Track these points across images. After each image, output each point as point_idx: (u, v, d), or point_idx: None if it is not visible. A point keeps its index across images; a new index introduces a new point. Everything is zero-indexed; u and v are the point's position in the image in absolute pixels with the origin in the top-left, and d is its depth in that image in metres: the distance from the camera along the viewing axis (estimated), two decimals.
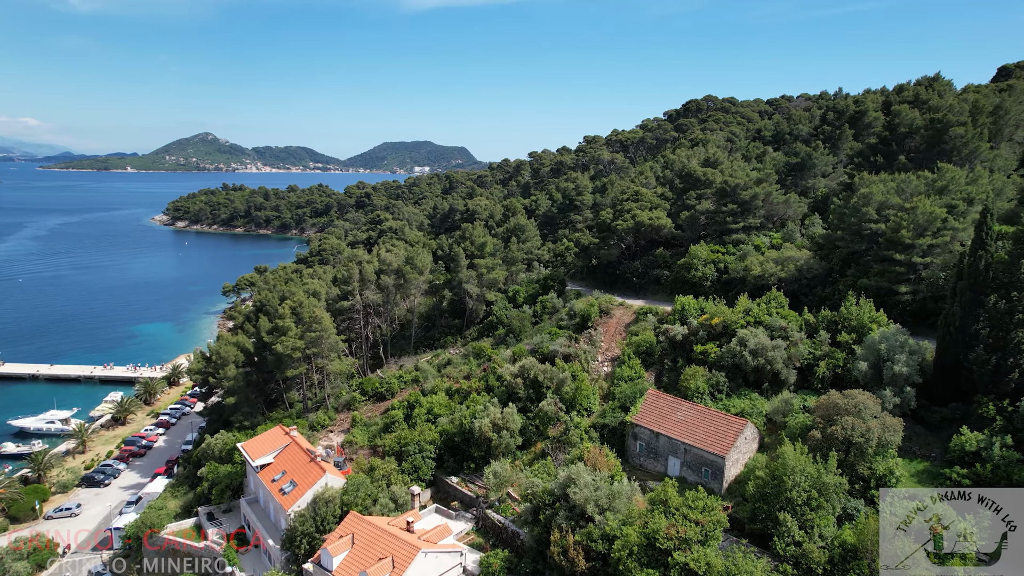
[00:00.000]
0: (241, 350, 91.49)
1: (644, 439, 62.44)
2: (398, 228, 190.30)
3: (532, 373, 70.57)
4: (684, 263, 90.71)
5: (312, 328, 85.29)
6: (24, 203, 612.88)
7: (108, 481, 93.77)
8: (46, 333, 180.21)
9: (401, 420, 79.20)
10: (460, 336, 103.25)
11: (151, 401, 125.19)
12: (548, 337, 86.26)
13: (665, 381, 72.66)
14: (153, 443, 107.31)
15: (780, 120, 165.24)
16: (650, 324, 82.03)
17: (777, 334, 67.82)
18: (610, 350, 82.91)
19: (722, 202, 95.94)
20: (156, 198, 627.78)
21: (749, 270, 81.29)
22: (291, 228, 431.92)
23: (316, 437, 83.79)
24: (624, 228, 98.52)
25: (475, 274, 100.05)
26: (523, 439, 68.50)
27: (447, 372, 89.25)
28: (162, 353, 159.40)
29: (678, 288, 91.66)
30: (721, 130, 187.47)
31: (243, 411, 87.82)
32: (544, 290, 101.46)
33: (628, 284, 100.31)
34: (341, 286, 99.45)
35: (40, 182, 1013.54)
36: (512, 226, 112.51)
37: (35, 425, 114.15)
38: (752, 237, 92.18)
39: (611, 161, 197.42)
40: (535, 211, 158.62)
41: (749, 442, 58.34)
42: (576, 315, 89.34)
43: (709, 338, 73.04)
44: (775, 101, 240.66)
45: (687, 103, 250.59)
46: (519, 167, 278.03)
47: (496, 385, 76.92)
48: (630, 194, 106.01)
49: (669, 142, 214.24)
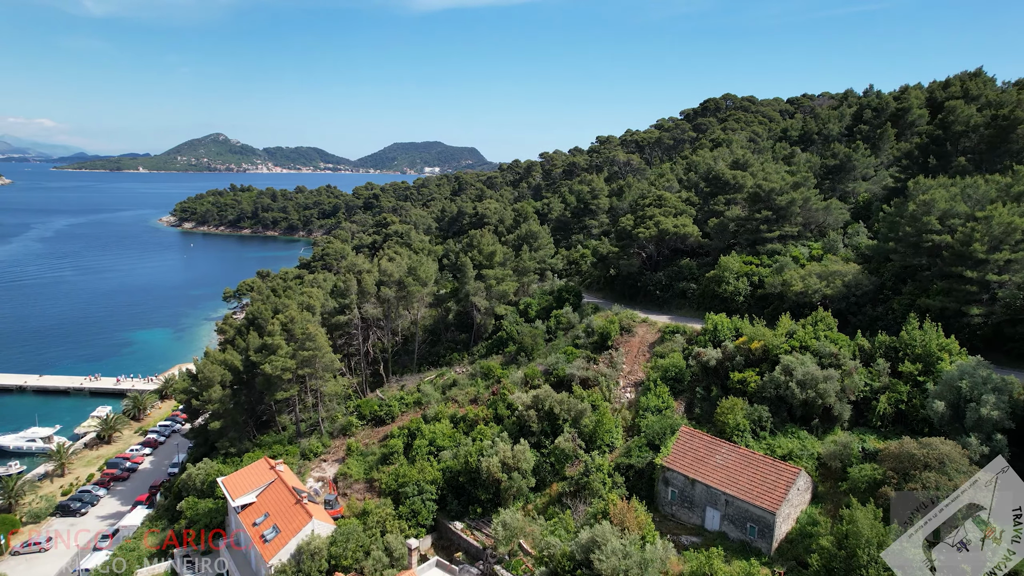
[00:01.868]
0: (229, 368, 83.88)
1: (677, 485, 54.12)
2: (404, 232, 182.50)
3: (547, 404, 62.40)
4: (714, 276, 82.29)
5: (305, 346, 77.54)
6: (33, 204, 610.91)
7: (85, 510, 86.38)
8: (41, 340, 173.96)
9: (400, 451, 71.38)
10: (467, 352, 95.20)
11: (140, 417, 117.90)
12: (564, 357, 78.10)
13: (697, 412, 64.29)
14: (138, 465, 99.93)
15: (807, 119, 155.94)
16: (678, 345, 73.62)
17: (827, 362, 59.30)
18: (633, 373, 74.55)
19: (754, 208, 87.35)
20: (165, 199, 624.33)
21: (789, 285, 72.69)
22: (298, 230, 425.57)
23: (308, 467, 76.04)
24: (646, 236, 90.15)
25: (483, 286, 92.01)
26: (537, 479, 60.38)
27: (452, 395, 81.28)
28: (157, 363, 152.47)
29: (707, 303, 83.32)
30: (743, 130, 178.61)
31: (229, 436, 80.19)
32: (558, 303, 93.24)
33: (651, 297, 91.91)
34: (338, 298, 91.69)
35: (52, 182, 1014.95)
36: (524, 233, 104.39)
37: (15, 443, 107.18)
38: (789, 247, 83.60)
39: (627, 162, 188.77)
40: (547, 215, 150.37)
41: (802, 493, 49.90)
42: (594, 332, 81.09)
43: (747, 364, 64.66)
44: (796, 100, 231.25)
45: (705, 102, 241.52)
46: (530, 168, 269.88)
47: (506, 414, 68.82)
48: (652, 199, 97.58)
49: (688, 142, 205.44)
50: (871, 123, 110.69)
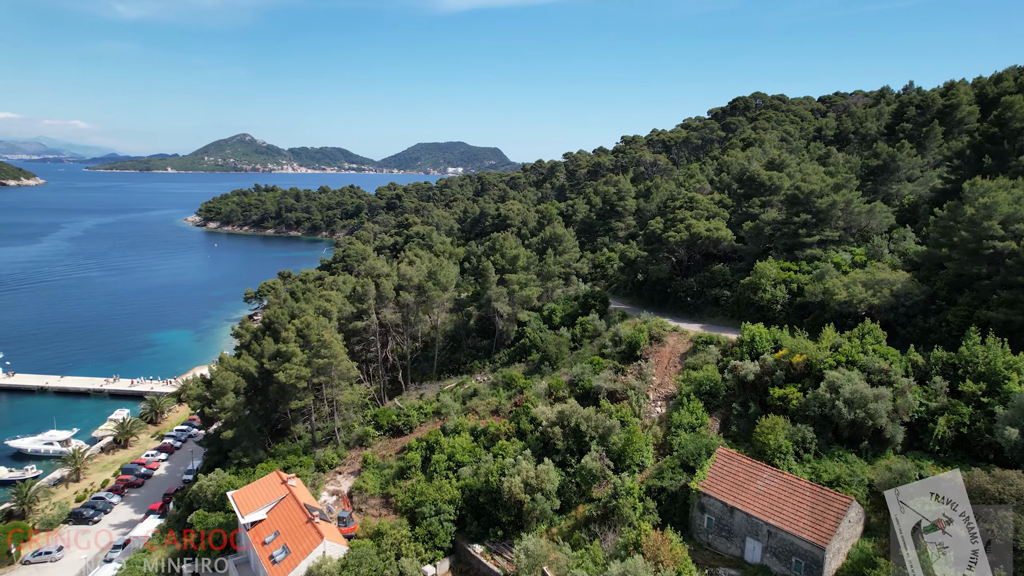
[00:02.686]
0: (243, 375, 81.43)
1: (714, 513, 50.01)
2: (425, 234, 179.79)
3: (573, 421, 58.56)
4: (749, 283, 77.76)
5: (320, 354, 74.67)
6: (64, 204, 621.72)
7: (98, 518, 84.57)
8: (65, 339, 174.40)
9: (418, 465, 68.16)
10: (488, 360, 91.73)
11: (157, 421, 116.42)
12: (590, 368, 74.22)
13: (734, 431, 60.02)
14: (153, 471, 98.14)
15: (843, 118, 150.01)
16: (711, 356, 69.33)
17: (877, 379, 54.75)
18: (663, 386, 70.43)
19: (792, 211, 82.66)
20: (191, 199, 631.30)
21: (831, 294, 67.97)
22: (321, 230, 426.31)
23: (322, 480, 73.17)
24: (677, 240, 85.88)
25: (506, 291, 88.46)
26: (561, 501, 56.60)
27: (472, 405, 77.85)
28: (176, 364, 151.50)
29: (741, 312, 78.90)
30: (773, 129, 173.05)
31: (243, 446, 77.65)
32: (584, 310, 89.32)
33: (681, 304, 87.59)
34: (356, 303, 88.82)
35: (83, 183, 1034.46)
36: (548, 236, 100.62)
37: (33, 446, 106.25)
38: (830, 253, 78.72)
39: (654, 162, 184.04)
40: (572, 217, 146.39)
41: (853, 525, 45.51)
42: (622, 341, 77.11)
43: (788, 379, 60.26)
44: (828, 98, 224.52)
45: (734, 100, 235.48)
46: (553, 168, 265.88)
47: (529, 429, 65.20)
48: (683, 200, 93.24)
49: (716, 142, 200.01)
50: (915, 121, 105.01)
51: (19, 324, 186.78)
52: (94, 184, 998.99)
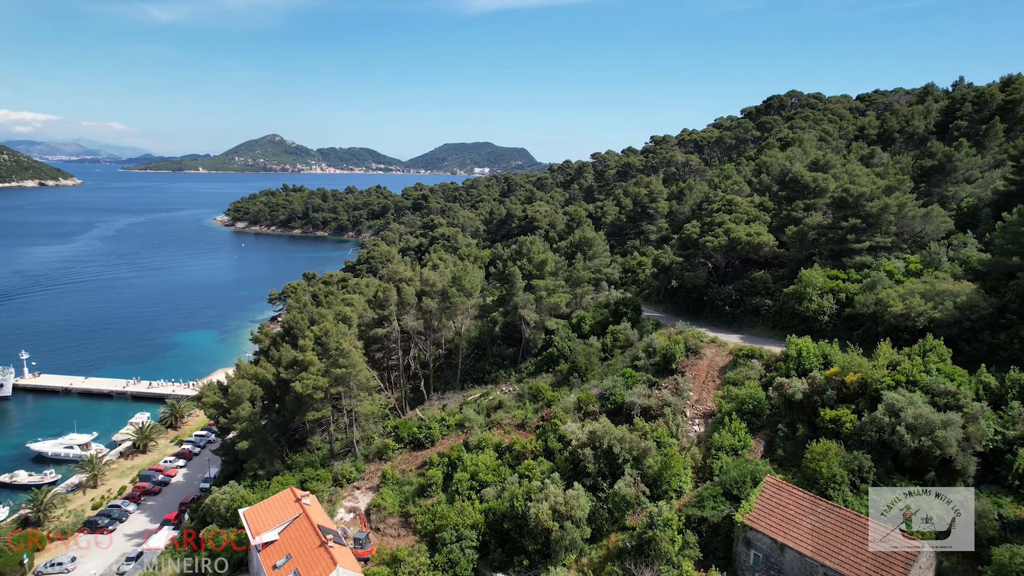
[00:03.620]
0: (260, 383, 78.68)
1: (762, 549, 45.37)
2: (451, 235, 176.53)
3: (606, 442, 54.32)
4: (793, 291, 72.67)
5: (338, 363, 71.41)
6: (99, 203, 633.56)
7: (113, 527, 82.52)
8: (91, 340, 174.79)
9: (439, 483, 64.58)
10: (514, 369, 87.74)
11: (177, 425, 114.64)
12: (622, 381, 69.91)
13: (780, 454, 55.20)
14: (171, 478, 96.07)
15: (887, 116, 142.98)
16: (754, 372, 64.51)
17: (943, 402, 49.62)
18: (701, 403, 65.81)
19: (839, 215, 77.35)
20: (220, 198, 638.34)
21: (885, 305, 62.73)
22: (347, 230, 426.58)
23: (340, 495, 69.92)
24: (714, 245, 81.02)
25: (533, 297, 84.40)
26: (592, 528, 52.45)
27: (497, 418, 73.96)
28: (199, 367, 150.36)
29: (784, 323, 73.93)
30: (811, 128, 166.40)
31: (258, 457, 74.83)
32: (615, 318, 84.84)
33: (718, 313, 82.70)
34: (377, 309, 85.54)
35: (118, 183, 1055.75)
36: (577, 240, 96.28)
37: (53, 450, 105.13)
38: (881, 260, 73.26)
39: (685, 163, 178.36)
40: (601, 219, 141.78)
41: (924, 571, 40.57)
42: (656, 353, 72.63)
43: (839, 399, 55.35)
44: (867, 96, 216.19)
45: (769, 99, 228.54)
46: (581, 169, 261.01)
47: (557, 447, 61.10)
48: (720, 203, 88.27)
49: (751, 142, 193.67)
50: (971, 118, 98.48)
51: (48, 324, 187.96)
52: (128, 184, 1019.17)
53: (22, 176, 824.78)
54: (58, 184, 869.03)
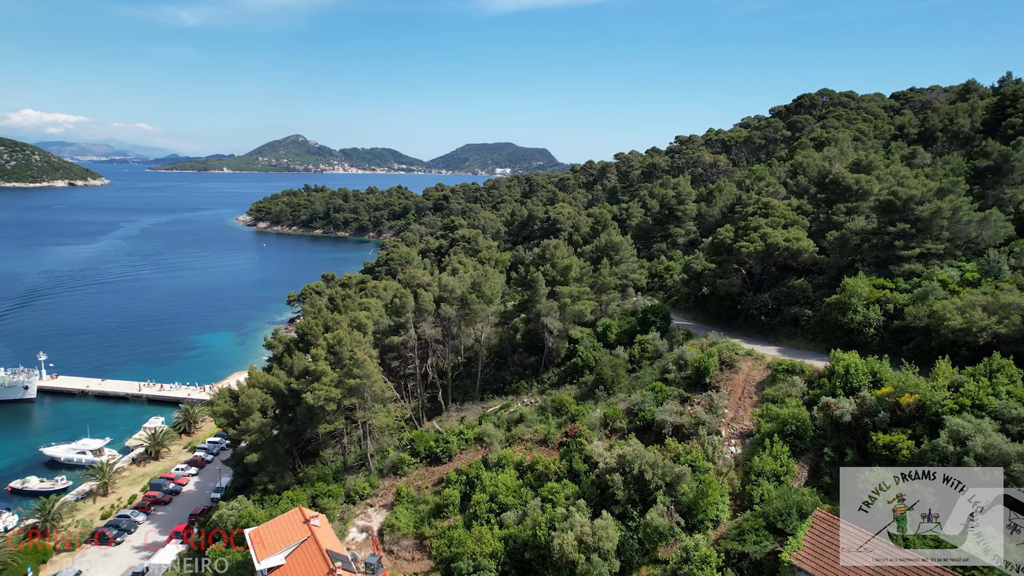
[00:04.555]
0: (272, 392, 75.54)
1: None
2: (471, 237, 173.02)
3: (636, 467, 50.08)
4: (836, 301, 67.69)
5: (352, 373, 68.01)
6: (125, 203, 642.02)
7: (121, 538, 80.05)
8: (110, 341, 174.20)
9: (456, 503, 60.83)
10: (536, 380, 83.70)
11: (191, 431, 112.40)
12: (651, 396, 65.58)
13: (826, 481, 50.53)
14: (182, 486, 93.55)
15: (928, 114, 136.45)
16: (795, 389, 59.84)
17: (1017, 429, 44.66)
18: (738, 421, 61.23)
19: (885, 219, 72.24)
20: (243, 198, 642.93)
21: (941, 318, 57.72)
22: (368, 231, 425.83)
23: (352, 513, 66.51)
24: (749, 251, 76.26)
25: (556, 305, 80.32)
26: (621, 561, 48.24)
27: (518, 433, 70.06)
28: (216, 369, 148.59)
29: (825, 335, 69.09)
30: (845, 128, 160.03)
31: (268, 470, 71.65)
32: (643, 327, 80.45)
33: (752, 323, 77.95)
34: (393, 316, 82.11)
35: (144, 183, 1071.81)
36: (603, 244, 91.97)
37: (66, 455, 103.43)
38: (933, 268, 68.04)
39: (713, 163, 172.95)
40: (626, 221, 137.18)
41: None
42: (687, 365, 68.22)
43: (893, 422, 50.52)
44: (902, 94, 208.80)
45: (799, 98, 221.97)
46: (604, 170, 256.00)
47: (583, 469, 57.02)
48: (755, 206, 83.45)
49: (782, 142, 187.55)
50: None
51: (69, 324, 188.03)
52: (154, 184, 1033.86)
53: (53, 176, 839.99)
54: (87, 184, 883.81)
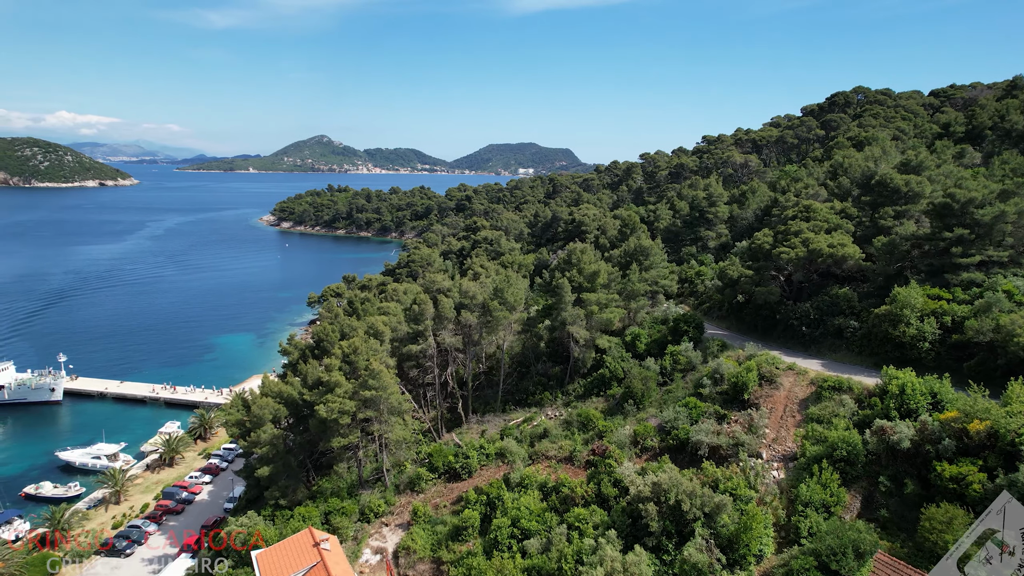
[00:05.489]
0: (285, 401, 72.49)
1: None
2: (494, 239, 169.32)
3: (673, 497, 45.76)
4: (887, 312, 62.62)
5: (367, 384, 64.58)
6: (152, 203, 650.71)
7: (131, 550, 77.60)
8: (130, 341, 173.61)
9: (476, 526, 57.00)
10: (560, 391, 79.72)
11: (207, 436, 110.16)
12: (685, 412, 61.15)
13: (883, 515, 45.75)
14: (195, 495, 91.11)
15: (976, 111, 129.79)
16: (844, 409, 55.01)
17: None
18: (780, 442, 56.55)
19: (939, 224, 66.96)
20: (267, 198, 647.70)
21: (1010, 334, 52.62)
22: (391, 231, 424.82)
23: (366, 532, 63.04)
24: (790, 257, 71.39)
25: (583, 312, 76.19)
26: None
27: (542, 449, 66.06)
28: (235, 372, 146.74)
29: (873, 348, 64.22)
30: (883, 126, 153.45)
31: (280, 484, 68.55)
32: (674, 336, 76.04)
33: (792, 334, 73.08)
34: (411, 324, 78.61)
35: (172, 182, 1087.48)
36: (632, 248, 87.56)
37: (81, 460, 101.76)
38: (996, 278, 62.64)
39: (744, 164, 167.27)
40: (654, 224, 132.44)
41: None
42: (723, 380, 63.80)
43: (960, 451, 45.55)
44: (941, 91, 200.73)
45: (833, 96, 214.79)
46: (629, 170, 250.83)
47: (612, 494, 52.82)
48: (796, 209, 78.48)
49: (816, 141, 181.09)
50: None
51: (92, 324, 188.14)
52: (181, 184, 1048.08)
53: (84, 176, 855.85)
54: (116, 184, 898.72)
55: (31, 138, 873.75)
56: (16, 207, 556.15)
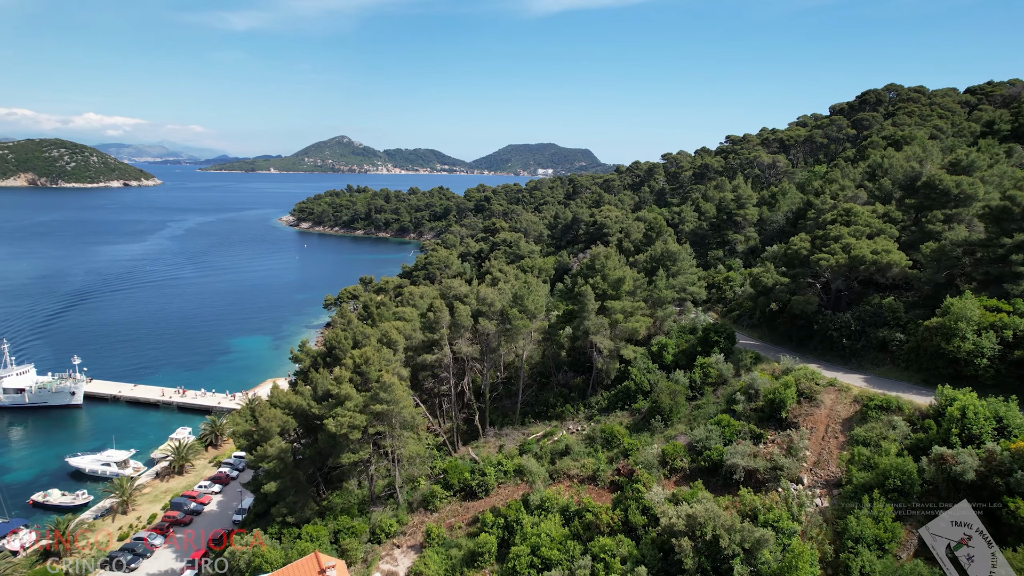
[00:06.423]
0: (294, 413, 69.31)
1: None
2: (513, 241, 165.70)
3: (709, 531, 41.58)
4: (939, 325, 57.70)
5: (379, 398, 61.07)
6: (174, 203, 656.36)
7: (136, 564, 74.89)
8: (146, 343, 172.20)
9: (492, 551, 53.26)
10: (583, 403, 75.69)
11: (218, 443, 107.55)
12: (717, 431, 56.82)
13: None
14: (204, 506, 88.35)
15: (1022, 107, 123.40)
16: (894, 432, 50.36)
17: None
18: (822, 466, 52.03)
19: (997, 229, 61.89)
20: (287, 198, 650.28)
21: None
22: (409, 232, 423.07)
23: (376, 554, 59.51)
24: (830, 264, 66.68)
25: (607, 321, 72.08)
26: None
27: (563, 467, 62.11)
28: (249, 376, 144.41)
29: (923, 364, 59.43)
30: (919, 125, 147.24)
31: (287, 501, 65.31)
32: (704, 347, 71.63)
33: (830, 346, 68.23)
34: (426, 332, 75.06)
35: (194, 183, 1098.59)
36: (659, 253, 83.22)
37: (90, 466, 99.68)
38: None
39: (771, 164, 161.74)
40: (679, 226, 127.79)
41: None
42: (759, 396, 59.40)
43: None
44: (979, 88, 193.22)
45: (863, 94, 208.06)
46: (651, 171, 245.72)
47: (641, 522, 48.72)
48: (835, 212, 73.66)
49: (847, 141, 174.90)
50: None
51: (108, 326, 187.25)
52: (203, 184, 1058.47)
53: (109, 177, 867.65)
54: (140, 184, 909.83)
55: (58, 139, 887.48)
56: (42, 207, 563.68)
